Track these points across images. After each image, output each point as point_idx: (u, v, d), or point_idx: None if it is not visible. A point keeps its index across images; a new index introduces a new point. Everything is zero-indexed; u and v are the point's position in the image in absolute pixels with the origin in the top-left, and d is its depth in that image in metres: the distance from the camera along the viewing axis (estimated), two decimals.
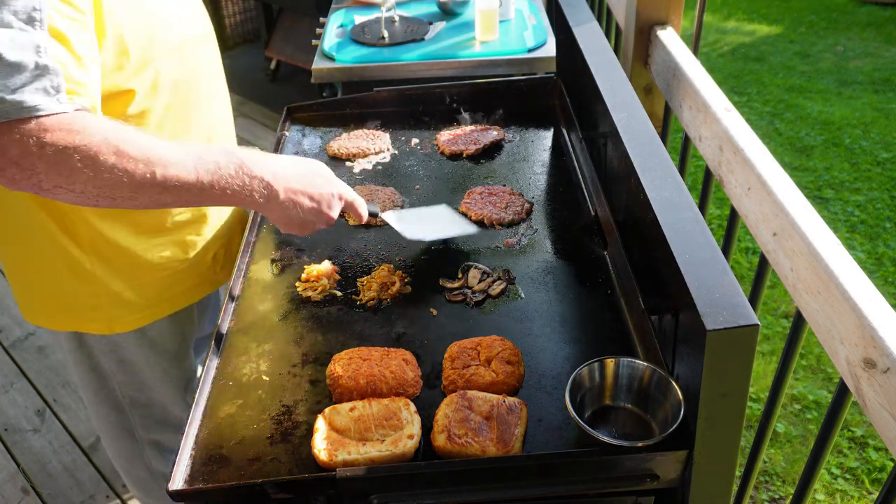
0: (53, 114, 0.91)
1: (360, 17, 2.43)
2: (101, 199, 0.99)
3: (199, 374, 1.44)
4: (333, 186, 1.21)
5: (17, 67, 0.89)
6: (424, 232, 1.41)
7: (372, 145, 1.74)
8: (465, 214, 1.50)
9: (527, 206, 1.52)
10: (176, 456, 1.02)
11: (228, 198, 1.08)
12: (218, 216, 1.45)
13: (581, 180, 1.58)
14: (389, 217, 1.41)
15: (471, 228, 1.44)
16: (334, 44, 2.27)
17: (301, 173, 1.16)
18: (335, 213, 1.22)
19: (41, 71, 0.91)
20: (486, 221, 1.48)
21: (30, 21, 0.91)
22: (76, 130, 0.93)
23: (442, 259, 1.41)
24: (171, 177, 1.00)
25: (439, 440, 1.01)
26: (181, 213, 1.36)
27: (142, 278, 1.36)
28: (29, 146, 0.90)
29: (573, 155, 1.65)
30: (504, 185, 1.59)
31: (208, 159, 1.04)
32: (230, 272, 1.40)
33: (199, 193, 1.04)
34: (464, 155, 1.71)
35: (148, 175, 0.99)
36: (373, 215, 1.36)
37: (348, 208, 1.26)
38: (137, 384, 1.52)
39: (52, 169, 0.93)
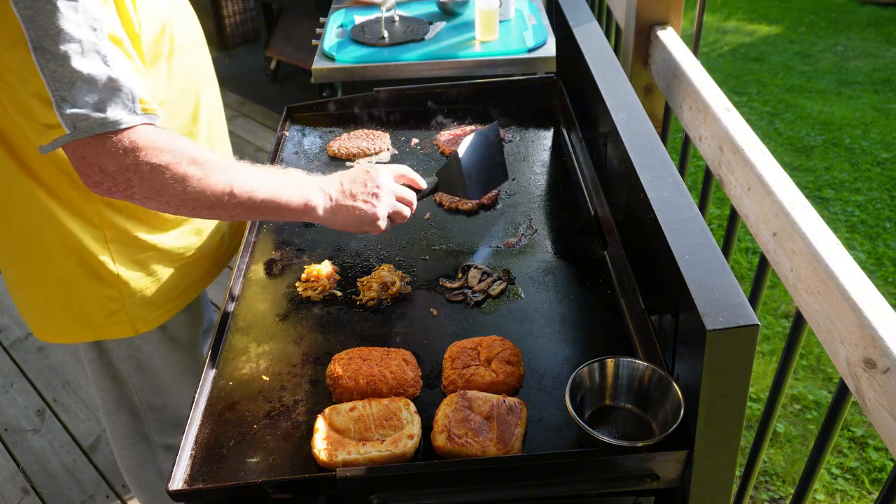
0: (135, 126, 1.00)
1: (360, 17, 2.43)
2: (182, 208, 1.09)
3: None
4: (371, 183, 1.26)
5: (91, 81, 0.96)
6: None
7: (372, 145, 1.74)
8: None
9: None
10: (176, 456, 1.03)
11: (291, 214, 1.19)
12: None
13: (581, 180, 1.58)
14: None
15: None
16: (334, 44, 2.27)
17: (344, 182, 1.25)
18: (385, 201, 1.27)
19: (113, 84, 0.98)
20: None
21: (91, 31, 0.98)
22: (166, 149, 1.02)
23: (442, 259, 1.41)
24: (244, 197, 1.11)
25: (439, 440, 1.01)
26: None
27: (164, 272, 1.38)
28: (126, 162, 1.00)
29: (573, 155, 1.65)
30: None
31: (275, 181, 1.16)
32: (233, 252, 1.46)
33: (266, 211, 1.16)
34: None
35: (226, 194, 1.09)
36: (433, 188, 1.41)
37: (404, 189, 1.32)
38: (155, 389, 1.53)
39: (146, 184, 1.03)
